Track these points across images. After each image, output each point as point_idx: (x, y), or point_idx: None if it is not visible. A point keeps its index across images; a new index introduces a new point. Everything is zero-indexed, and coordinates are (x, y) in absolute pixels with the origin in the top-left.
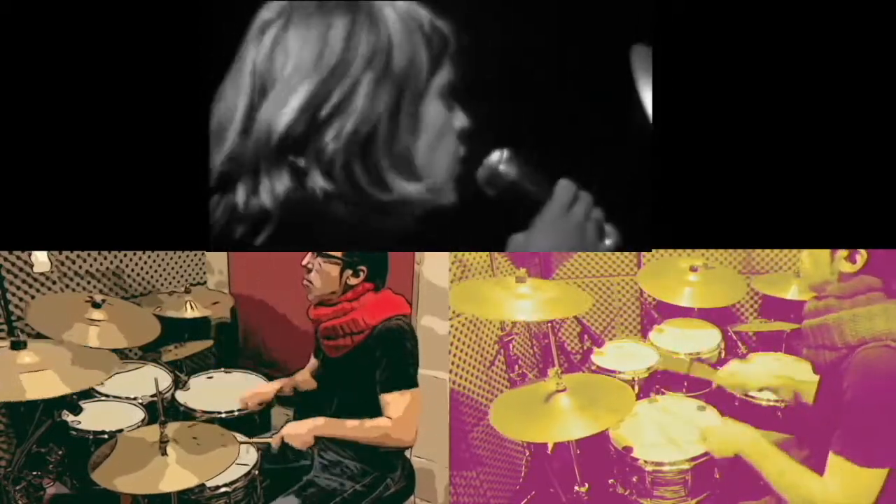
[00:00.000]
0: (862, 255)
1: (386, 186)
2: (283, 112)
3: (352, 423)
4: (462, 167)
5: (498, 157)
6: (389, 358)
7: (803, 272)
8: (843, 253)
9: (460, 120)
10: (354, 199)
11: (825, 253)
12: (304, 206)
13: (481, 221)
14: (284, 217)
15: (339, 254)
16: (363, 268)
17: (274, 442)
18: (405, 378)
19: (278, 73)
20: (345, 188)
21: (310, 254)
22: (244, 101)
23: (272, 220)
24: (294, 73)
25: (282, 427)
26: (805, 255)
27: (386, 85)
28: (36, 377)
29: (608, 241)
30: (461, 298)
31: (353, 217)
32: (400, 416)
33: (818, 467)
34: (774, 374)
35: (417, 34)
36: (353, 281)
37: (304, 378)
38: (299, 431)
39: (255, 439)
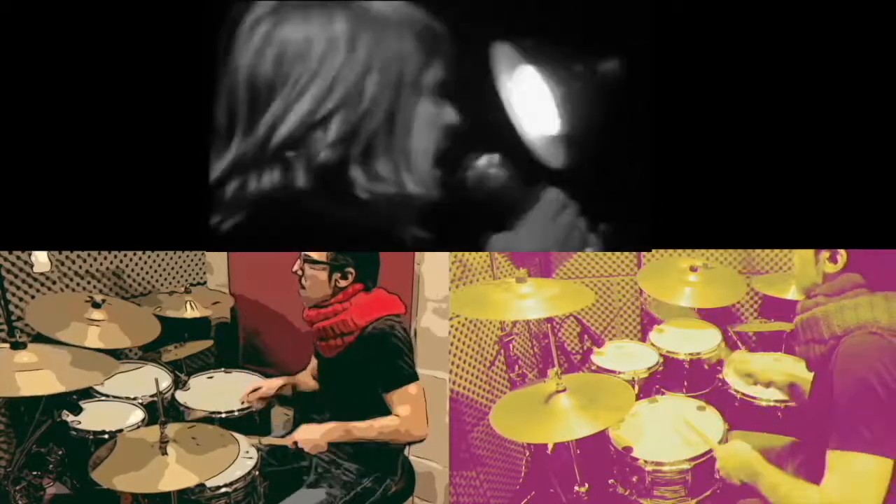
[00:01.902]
0: (842, 255)
1: (371, 181)
2: (286, 116)
3: (363, 425)
4: (444, 165)
5: (487, 162)
6: (382, 358)
7: (795, 276)
8: (825, 254)
9: (449, 115)
10: (337, 194)
11: (810, 254)
12: (284, 201)
13: (460, 219)
14: (262, 208)
15: (324, 256)
16: (351, 269)
17: (290, 444)
18: (402, 375)
19: (275, 75)
20: (328, 184)
21: (298, 260)
22: (244, 105)
23: (247, 210)
24: (292, 75)
25: (293, 430)
26: (795, 258)
27: (380, 81)
28: (31, 375)
29: (588, 250)
30: (462, 303)
31: (333, 213)
32: (407, 414)
33: (813, 472)
34: (776, 371)
35: (410, 32)
36: (342, 283)
37: (305, 379)
38: (313, 436)
39: (270, 440)
